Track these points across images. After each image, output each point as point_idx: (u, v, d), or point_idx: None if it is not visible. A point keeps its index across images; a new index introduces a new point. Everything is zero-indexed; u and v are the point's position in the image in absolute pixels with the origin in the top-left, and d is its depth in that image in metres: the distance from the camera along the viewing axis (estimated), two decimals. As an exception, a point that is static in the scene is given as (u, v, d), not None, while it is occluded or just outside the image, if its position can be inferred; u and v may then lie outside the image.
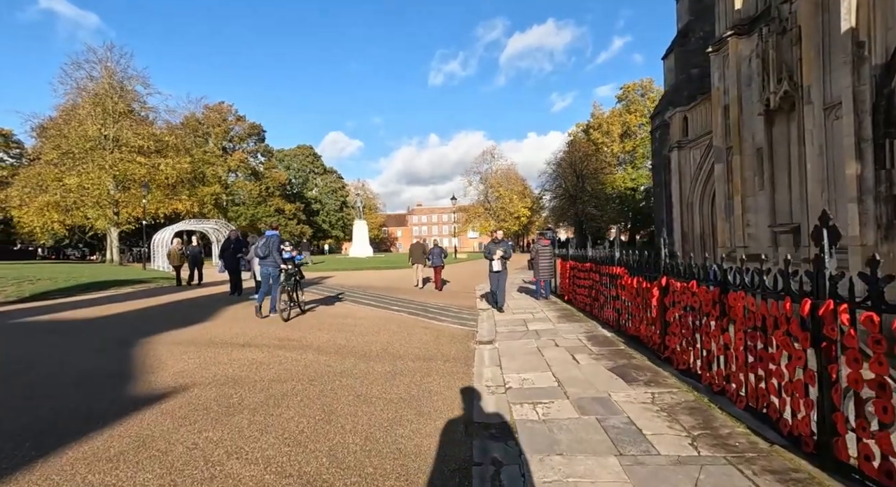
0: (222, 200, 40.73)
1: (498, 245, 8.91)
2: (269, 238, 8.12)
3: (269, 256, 7.98)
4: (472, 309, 9.47)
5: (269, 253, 7.97)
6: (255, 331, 6.66)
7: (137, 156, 31.30)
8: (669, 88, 15.60)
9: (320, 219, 60.41)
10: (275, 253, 7.95)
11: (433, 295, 11.82)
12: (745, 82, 8.92)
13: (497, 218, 49.15)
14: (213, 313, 8.44)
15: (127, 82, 32.90)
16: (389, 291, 12.80)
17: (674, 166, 14.83)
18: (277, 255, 7.94)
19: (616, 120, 58.33)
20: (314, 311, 8.77)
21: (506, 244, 9.12)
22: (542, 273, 10.25)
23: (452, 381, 4.28)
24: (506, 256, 8.72)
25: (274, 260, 7.92)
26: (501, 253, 8.71)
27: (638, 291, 5.33)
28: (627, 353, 5.08)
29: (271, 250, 7.95)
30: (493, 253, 8.71)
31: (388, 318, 8.07)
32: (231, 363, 4.87)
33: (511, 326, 7.21)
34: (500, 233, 9.46)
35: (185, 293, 12.32)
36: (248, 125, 46.54)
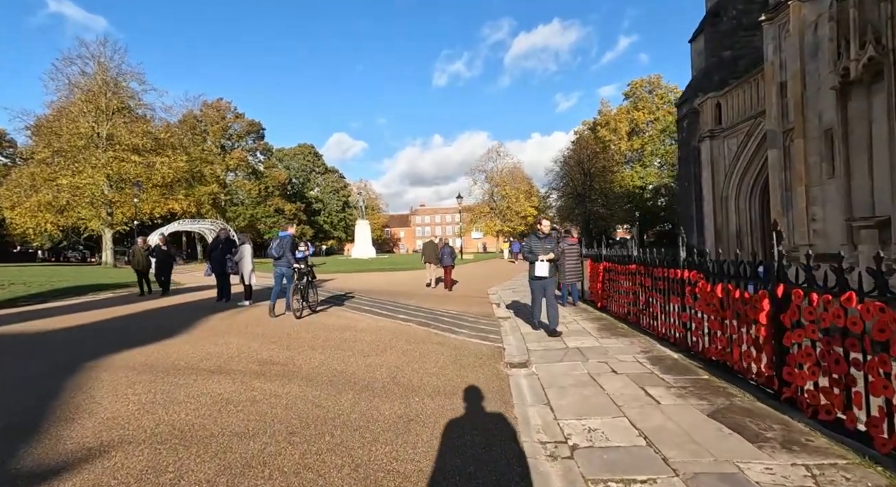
0: (220, 200, 39.59)
1: (544, 241, 6.38)
2: (282, 239, 8.25)
3: (283, 257, 8.13)
4: (491, 318, 8.21)
5: (283, 254, 8.11)
6: (234, 350, 5.43)
7: (132, 155, 30.24)
8: (698, 73, 14.33)
9: (321, 220, 59.22)
10: (288, 254, 8.09)
11: (444, 301, 10.57)
12: (810, 53, 7.64)
13: (503, 217, 47.84)
14: (190, 324, 7.21)
15: (121, 78, 31.87)
16: (394, 296, 11.57)
17: (704, 157, 13.53)
18: (291, 256, 8.10)
19: (623, 117, 56.99)
20: (309, 322, 7.53)
21: (554, 240, 6.61)
22: (568, 275, 8.98)
23: (490, 434, 3.02)
24: (556, 258, 6.45)
25: (287, 260, 8.10)
26: (550, 253, 6.29)
27: (725, 303, 4.06)
28: (719, 388, 3.80)
29: (285, 250, 8.11)
30: (538, 252, 6.28)
31: (396, 331, 6.82)
32: (188, 401, 3.63)
33: (544, 342, 5.95)
34: (545, 224, 6.60)
35: (166, 300, 11.11)
36: (247, 122, 45.34)
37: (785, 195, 8.56)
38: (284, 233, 8.44)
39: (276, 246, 8.23)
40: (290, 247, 8.15)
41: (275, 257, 8.24)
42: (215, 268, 10.04)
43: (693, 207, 14.05)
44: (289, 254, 8.10)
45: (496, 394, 3.87)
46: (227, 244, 10.11)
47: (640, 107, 57.18)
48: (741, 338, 3.85)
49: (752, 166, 12.01)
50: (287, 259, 8.10)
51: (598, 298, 8.44)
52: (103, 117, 30.34)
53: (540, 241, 6.43)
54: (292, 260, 8.09)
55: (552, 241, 6.52)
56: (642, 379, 4.10)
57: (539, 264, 6.32)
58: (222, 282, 10.14)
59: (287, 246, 8.13)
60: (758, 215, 12.45)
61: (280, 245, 8.17)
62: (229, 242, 10.23)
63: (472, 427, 3.14)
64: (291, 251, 8.15)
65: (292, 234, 8.47)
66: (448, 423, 3.21)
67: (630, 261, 6.84)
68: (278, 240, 8.33)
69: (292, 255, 8.12)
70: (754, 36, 13.39)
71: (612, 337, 6.05)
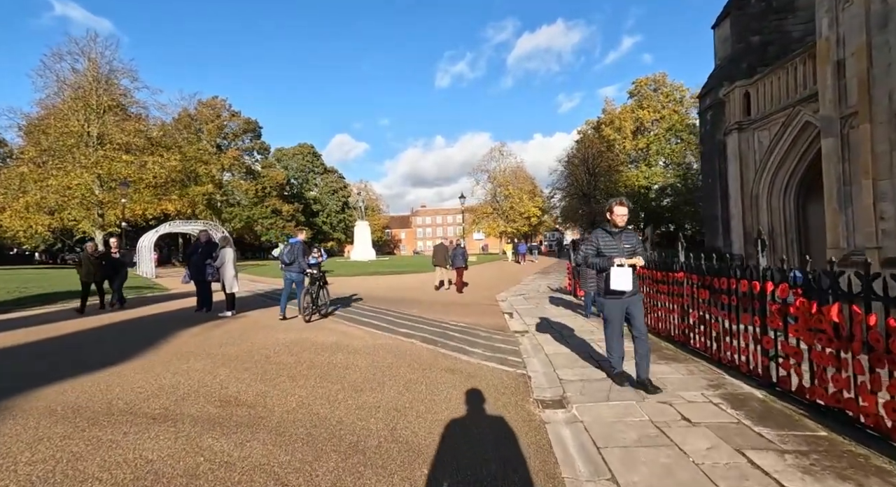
0: (216, 201, 38.49)
1: (621, 237, 4.19)
2: (293, 244, 8.32)
3: (293, 262, 8.16)
4: (506, 332, 7.13)
5: (294, 260, 8.15)
6: (194, 382, 4.34)
7: (123, 154, 29.23)
8: (723, 61, 13.26)
9: (320, 221, 58.10)
10: (300, 259, 8.18)
11: (450, 310, 9.48)
12: (878, 23, 6.56)
13: (506, 218, 46.75)
14: (152, 344, 6.13)
15: (113, 75, 30.88)
16: (395, 304, 10.48)
17: (731, 152, 12.45)
18: (303, 261, 8.20)
19: (628, 116, 55.90)
20: (298, 339, 6.45)
21: (635, 235, 4.36)
22: (592, 283, 7.88)
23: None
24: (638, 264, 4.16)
25: (299, 265, 8.16)
26: (637, 258, 4.13)
27: (844, 330, 2.97)
28: (858, 456, 2.69)
29: (296, 256, 8.17)
30: (612, 253, 4.12)
31: (397, 351, 5.73)
32: (97, 478, 2.55)
33: (578, 366, 4.87)
34: (620, 213, 4.14)
35: (136, 311, 10.05)
36: (243, 121, 44.23)
37: (843, 190, 7.46)
38: (295, 238, 8.53)
39: (287, 251, 8.25)
40: (301, 253, 8.26)
41: (285, 263, 8.23)
42: (194, 275, 8.98)
43: (718, 206, 12.96)
44: (300, 260, 8.19)
45: (534, 458, 2.78)
46: (207, 247, 9.04)
47: (645, 105, 56.09)
48: (877, 383, 2.75)
49: (788, 160, 10.92)
50: (298, 264, 8.17)
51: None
52: (94, 115, 29.35)
53: (612, 238, 4.20)
54: (304, 266, 8.20)
55: (633, 237, 4.26)
56: (732, 435, 3.00)
57: (617, 272, 4.00)
58: (202, 290, 9.08)
59: (298, 252, 8.21)
60: (792, 215, 11.36)
61: (291, 250, 8.21)
62: (210, 245, 9.16)
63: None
64: (303, 256, 8.27)
65: (302, 240, 8.54)
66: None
67: (674, 268, 5.75)
68: (289, 246, 8.37)
69: (304, 261, 8.24)
70: (785, 19, 12.33)
71: (662, 361, 4.96)
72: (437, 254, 13.31)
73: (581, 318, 8.04)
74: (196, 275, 8.94)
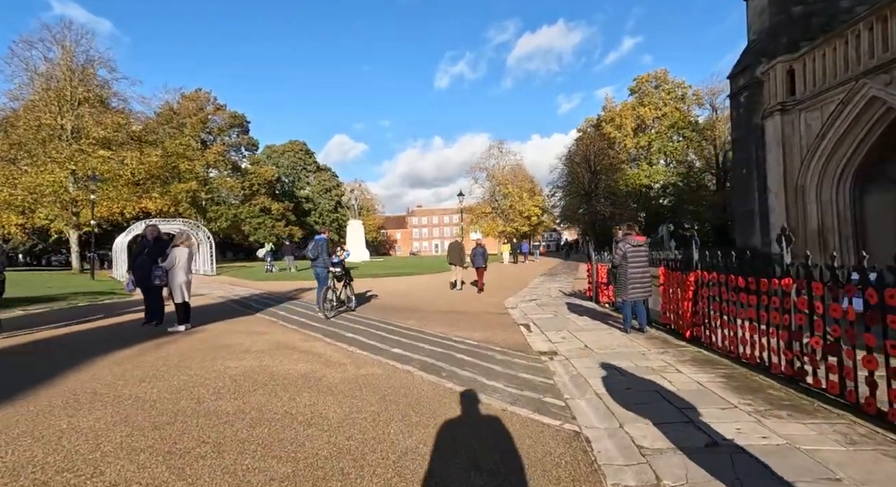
0: (200, 199, 36.53)
1: None
2: (317, 241, 8.63)
3: (318, 258, 8.45)
4: (527, 352, 5.57)
5: (318, 256, 8.45)
6: (59, 460, 2.71)
7: (100, 149, 27.36)
8: (759, 35, 11.77)
9: (312, 220, 56.07)
10: (324, 256, 8.46)
11: (455, 321, 7.87)
12: None
13: (506, 218, 45.20)
14: (51, 377, 4.46)
15: (89, 65, 28.99)
16: (389, 313, 8.87)
17: (772, 137, 10.95)
18: (326, 258, 8.50)
19: (629, 113, 54.60)
20: (250, 370, 4.81)
21: None
22: (634, 290, 6.30)
23: None
24: None
25: (323, 261, 8.43)
26: None
27: None
28: None
29: (320, 252, 8.46)
30: None
31: (386, 388, 4.11)
32: None
33: (655, 416, 3.27)
34: None
35: (75, 324, 8.37)
36: (229, 115, 42.17)
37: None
38: (320, 236, 8.88)
39: (312, 247, 8.56)
40: (325, 249, 8.56)
41: (311, 259, 8.56)
42: (140, 280, 7.30)
43: (754, 200, 11.46)
44: (324, 256, 8.47)
45: None
46: (155, 246, 7.35)
47: (646, 102, 54.85)
48: None
49: (845, 145, 9.44)
50: (323, 260, 8.45)
51: (684, 324, 5.76)
52: (68, 107, 27.46)
53: None
54: (328, 262, 8.49)
55: None
56: None
57: None
58: (150, 299, 7.40)
59: (322, 249, 8.51)
60: (847, 208, 9.87)
61: (315, 247, 8.52)
62: (160, 244, 7.46)
63: None
64: (327, 253, 8.59)
65: (327, 237, 8.95)
66: None
67: (764, 272, 4.19)
68: (314, 242, 8.69)
69: (328, 257, 8.56)
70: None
71: (777, 409, 3.37)
72: (453, 253, 13.00)
73: (618, 333, 6.46)
74: (143, 281, 7.26)
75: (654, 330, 6.53)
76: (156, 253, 7.20)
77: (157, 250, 7.28)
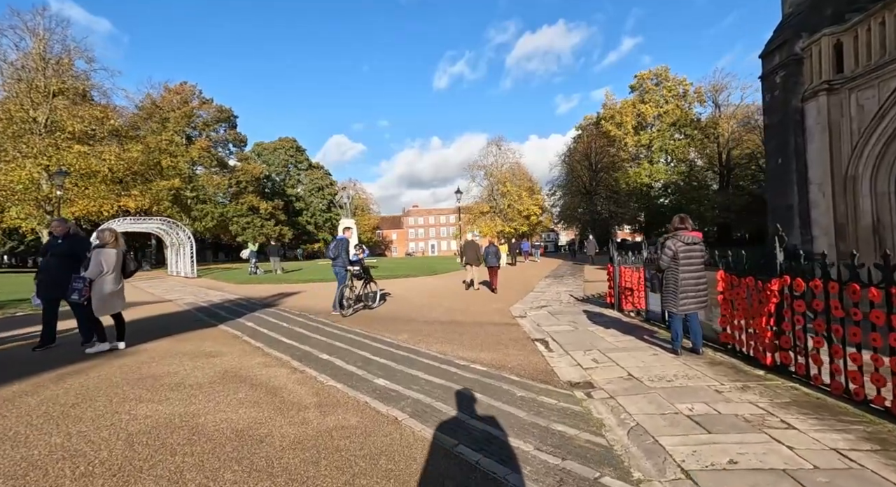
0: (185, 196, 34.79)
1: None
2: (338, 241, 8.90)
3: (338, 257, 8.62)
4: (554, 385, 4.18)
5: (338, 255, 8.62)
6: None
7: (75, 144, 25.74)
8: (798, 7, 10.46)
9: (304, 220, 54.33)
10: (343, 255, 8.63)
11: (457, 332, 6.43)
12: None
13: (504, 217, 43.80)
14: None
15: (64, 55, 27.34)
16: (377, 323, 7.41)
17: (815, 121, 9.63)
18: (346, 257, 8.67)
19: (629, 110, 53.46)
20: (166, 423, 3.36)
21: None
22: (687, 300, 4.89)
23: None
24: None
25: (343, 260, 8.61)
26: None
27: None
28: None
29: (340, 252, 8.64)
30: None
31: (357, 459, 2.66)
32: None
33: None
34: None
35: None
36: (216, 109, 40.34)
37: None
38: (341, 236, 9.10)
39: (333, 247, 8.76)
40: (345, 249, 8.68)
41: (331, 258, 8.68)
42: (45, 288, 5.67)
43: (793, 193, 10.12)
44: (343, 255, 8.60)
45: None
46: (69, 246, 5.76)
47: (647, 100, 53.74)
48: None
49: (909, 127, 8.11)
50: (342, 259, 8.57)
51: (762, 346, 4.37)
52: (40, 99, 25.80)
53: None
54: (346, 262, 8.61)
55: None
56: None
57: None
58: (49, 317, 5.74)
59: (343, 248, 8.65)
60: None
61: (336, 246, 8.68)
62: (75, 243, 5.86)
63: None
64: (346, 252, 8.70)
65: (348, 237, 9.08)
66: None
67: None
68: (335, 242, 8.91)
69: (347, 256, 8.67)
70: (884, -50, 9.49)
71: None
72: (469, 252, 12.71)
73: (667, 355, 5.06)
74: (49, 289, 5.64)
75: (711, 352, 5.13)
76: (70, 257, 5.67)
77: (70, 250, 5.72)
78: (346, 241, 8.92)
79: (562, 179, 46.28)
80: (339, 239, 9.05)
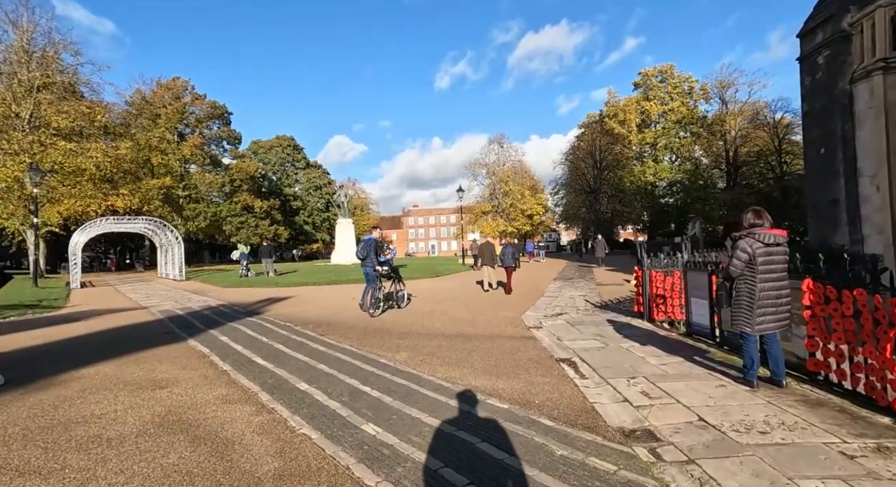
0: (176, 195, 33.54)
1: None
2: (366, 242, 8.88)
3: (367, 258, 8.65)
4: (598, 429, 3.10)
5: (367, 255, 8.66)
6: None
7: (60, 140, 24.62)
8: (843, -21, 9.37)
9: (301, 220, 53.05)
10: (372, 255, 8.67)
11: (464, 348, 5.31)
12: None
13: (507, 216, 42.66)
14: None
15: (49, 49, 26.22)
16: (370, 337, 6.30)
17: (865, 105, 8.53)
18: (374, 257, 8.72)
19: (633, 108, 52.28)
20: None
21: None
22: (766, 317, 3.78)
23: None
24: None
25: (371, 261, 8.65)
26: None
27: None
28: None
29: (369, 252, 8.67)
30: None
31: None
32: None
33: None
34: None
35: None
36: (209, 105, 38.99)
37: None
38: (369, 236, 9.08)
39: (361, 248, 8.80)
40: (374, 249, 8.77)
41: (360, 258, 8.77)
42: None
43: (839, 187, 9.03)
44: (372, 256, 8.67)
45: None
46: None
47: (652, 97, 52.58)
48: None
49: None
50: (371, 260, 8.63)
51: (880, 382, 3.26)
52: (24, 93, 24.69)
53: None
54: (375, 262, 8.69)
55: None
56: None
57: None
58: None
59: (371, 248, 8.71)
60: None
61: (364, 247, 8.75)
62: None
63: None
64: (375, 253, 8.79)
65: (376, 238, 9.09)
66: None
67: None
68: (363, 242, 8.93)
69: (376, 257, 8.76)
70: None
71: None
72: (484, 253, 12.70)
73: (736, 386, 3.95)
74: None
75: (795, 384, 4.02)
76: None
77: None
78: (374, 242, 8.89)
79: (565, 178, 45.14)
80: (366, 239, 9.00)
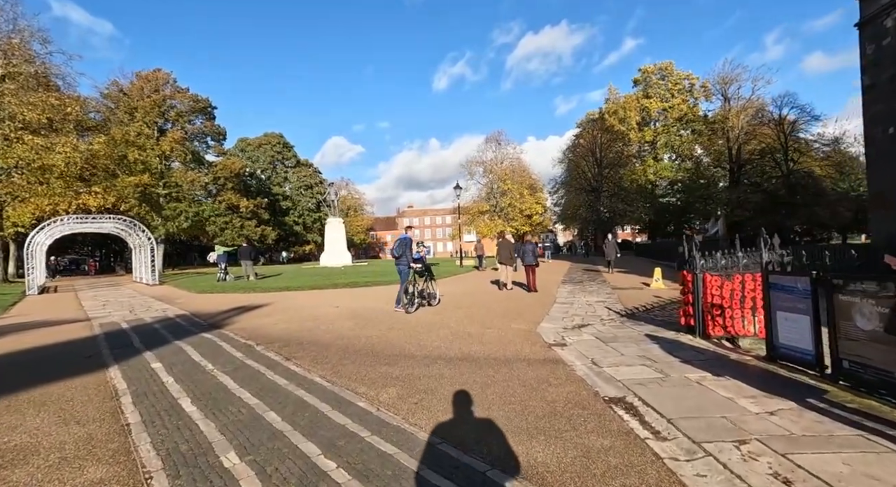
0: (155, 194, 31.56)
1: None
2: (402, 240, 8.99)
3: (402, 256, 8.78)
4: None
5: (402, 254, 8.79)
6: None
7: (27, 134, 22.76)
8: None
9: (290, 220, 51.10)
10: (407, 253, 8.82)
11: (475, 384, 3.72)
12: None
13: (505, 216, 41.16)
14: None
15: (17, 36, 24.36)
16: (350, 362, 4.70)
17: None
18: (409, 255, 8.86)
19: (633, 105, 51.12)
20: None
21: None
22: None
23: None
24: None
25: (406, 259, 8.78)
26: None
27: None
28: None
29: (404, 250, 8.81)
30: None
31: None
32: None
33: None
34: None
35: None
36: (191, 98, 36.92)
37: None
38: (404, 235, 9.18)
39: (397, 246, 8.90)
40: (409, 247, 8.86)
41: (395, 257, 8.93)
42: None
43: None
44: (408, 254, 8.80)
45: None
46: None
47: (652, 94, 51.46)
48: None
49: None
50: (406, 258, 8.75)
51: None
52: (-16, 83, 22.83)
53: None
54: (410, 260, 8.80)
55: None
56: None
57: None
58: None
59: (406, 247, 8.83)
60: None
61: (400, 245, 8.87)
62: None
63: None
64: (410, 250, 8.87)
65: (411, 237, 9.21)
66: None
67: None
68: (398, 241, 9.05)
69: (410, 255, 8.85)
70: None
71: None
72: (503, 251, 12.39)
73: None
74: None
75: None
76: None
77: None
78: (409, 240, 8.96)
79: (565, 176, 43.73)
80: (402, 238, 9.08)
